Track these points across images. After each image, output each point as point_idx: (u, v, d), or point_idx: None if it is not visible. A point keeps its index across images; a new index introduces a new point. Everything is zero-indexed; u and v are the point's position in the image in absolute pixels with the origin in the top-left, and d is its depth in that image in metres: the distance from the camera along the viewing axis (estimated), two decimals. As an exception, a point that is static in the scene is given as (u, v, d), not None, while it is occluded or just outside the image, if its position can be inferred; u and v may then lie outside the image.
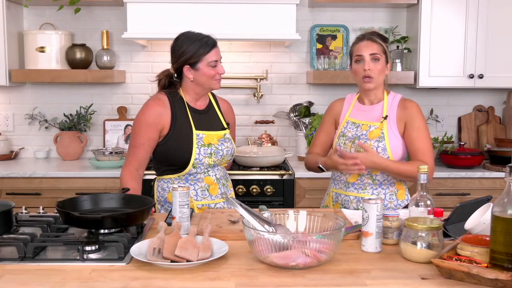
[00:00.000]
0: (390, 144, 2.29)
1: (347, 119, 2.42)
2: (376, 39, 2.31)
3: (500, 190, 1.80)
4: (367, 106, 2.39)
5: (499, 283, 1.38)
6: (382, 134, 2.30)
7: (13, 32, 3.58)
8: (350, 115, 2.42)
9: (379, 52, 2.30)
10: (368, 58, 2.29)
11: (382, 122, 2.32)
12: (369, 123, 2.35)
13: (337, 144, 2.39)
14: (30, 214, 2.05)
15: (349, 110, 2.43)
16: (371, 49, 2.30)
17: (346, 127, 2.40)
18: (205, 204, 2.36)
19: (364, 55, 2.30)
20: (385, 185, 2.34)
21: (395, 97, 2.39)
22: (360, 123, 2.37)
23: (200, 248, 1.59)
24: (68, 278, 1.47)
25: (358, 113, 2.40)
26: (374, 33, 2.35)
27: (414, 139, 2.30)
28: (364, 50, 2.31)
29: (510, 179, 1.43)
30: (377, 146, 2.29)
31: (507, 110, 3.84)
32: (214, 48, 2.31)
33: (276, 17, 3.35)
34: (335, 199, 2.42)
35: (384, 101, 2.37)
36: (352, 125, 2.38)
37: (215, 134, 2.39)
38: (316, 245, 1.52)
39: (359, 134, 2.34)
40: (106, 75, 3.58)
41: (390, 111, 2.34)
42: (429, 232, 1.59)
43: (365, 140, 2.31)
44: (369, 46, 2.30)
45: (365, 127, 2.35)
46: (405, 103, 2.36)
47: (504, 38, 3.47)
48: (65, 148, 3.68)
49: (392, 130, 2.31)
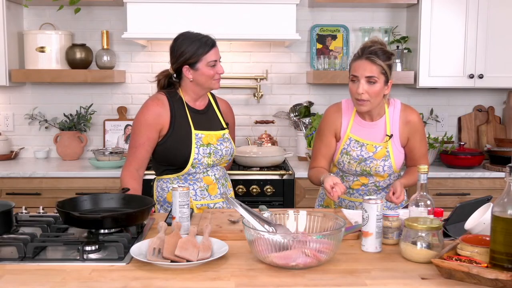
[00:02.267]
0: (396, 161, 2.30)
1: (348, 135, 2.30)
2: (375, 60, 2.11)
3: (500, 190, 1.80)
4: (368, 122, 2.29)
5: (499, 283, 1.38)
6: (387, 153, 2.28)
7: (13, 32, 3.58)
8: (351, 131, 2.30)
9: (377, 74, 2.12)
10: (363, 80, 2.12)
11: (386, 142, 2.28)
12: (374, 143, 2.28)
13: (339, 160, 2.32)
14: (30, 214, 2.05)
15: (350, 125, 2.30)
16: (368, 71, 2.11)
17: (349, 145, 2.30)
18: (204, 204, 2.36)
19: (360, 76, 2.13)
20: (388, 189, 2.34)
21: (395, 109, 2.29)
22: (364, 142, 2.28)
23: (200, 248, 1.59)
24: (68, 278, 1.47)
25: (360, 129, 2.30)
26: (377, 51, 2.13)
27: (418, 149, 2.32)
28: (360, 71, 2.13)
29: (510, 179, 1.43)
30: (383, 165, 2.28)
31: (507, 110, 3.84)
32: (213, 48, 2.31)
33: (276, 17, 3.35)
34: (339, 204, 2.41)
35: (386, 116, 2.27)
36: (356, 144, 2.29)
37: (214, 134, 2.39)
38: (316, 245, 1.52)
39: (365, 156, 2.28)
40: (106, 75, 3.57)
41: (393, 127, 2.28)
42: (429, 232, 1.59)
43: (371, 160, 2.28)
44: (366, 67, 2.11)
45: (371, 147, 2.27)
46: (406, 115, 2.28)
47: (504, 38, 3.47)
48: (65, 148, 3.68)
49: (397, 147, 2.30)
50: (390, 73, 2.17)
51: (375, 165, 2.27)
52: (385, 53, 2.15)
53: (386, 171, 2.29)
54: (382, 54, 2.14)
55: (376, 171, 2.29)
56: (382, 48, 2.16)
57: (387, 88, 2.19)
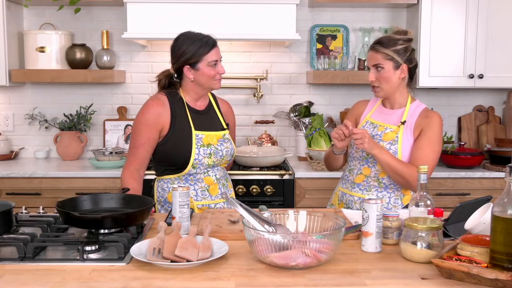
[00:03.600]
0: (402, 148, 2.29)
1: (367, 119, 2.44)
2: (379, 49, 2.28)
3: (500, 190, 1.80)
4: (388, 110, 2.40)
5: (499, 283, 1.38)
6: (396, 138, 2.30)
7: (13, 32, 3.58)
8: (372, 116, 2.43)
9: (381, 61, 2.27)
10: (372, 69, 2.31)
11: (399, 127, 2.32)
12: (386, 125, 2.35)
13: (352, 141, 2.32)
14: (30, 214, 2.05)
15: (371, 111, 2.44)
16: (373, 60, 2.30)
17: (364, 126, 2.42)
18: (205, 205, 2.36)
19: (369, 65, 2.33)
20: (391, 189, 2.33)
21: (418, 107, 2.36)
22: (378, 123, 2.38)
23: (200, 248, 1.59)
24: (68, 278, 1.47)
25: (379, 115, 2.42)
26: (382, 40, 2.30)
27: (420, 146, 2.26)
28: (368, 61, 2.34)
29: (510, 179, 1.43)
30: (389, 148, 2.29)
31: (507, 110, 3.84)
32: (214, 48, 2.31)
33: (276, 17, 3.35)
34: (340, 198, 2.43)
35: (406, 107, 2.35)
36: (370, 125, 2.40)
37: (214, 135, 2.39)
38: (316, 245, 1.52)
39: (374, 134, 2.35)
40: (106, 75, 3.57)
41: (410, 118, 2.33)
42: (429, 232, 1.59)
43: (379, 140, 2.32)
44: (372, 57, 2.31)
45: (382, 128, 2.36)
46: (427, 112, 2.33)
47: (504, 38, 3.47)
48: (65, 148, 3.68)
49: (407, 136, 2.30)
50: (401, 58, 2.27)
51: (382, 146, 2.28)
52: (391, 40, 2.28)
53: None
54: (387, 42, 2.28)
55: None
56: (388, 36, 2.31)
57: (401, 72, 2.29)
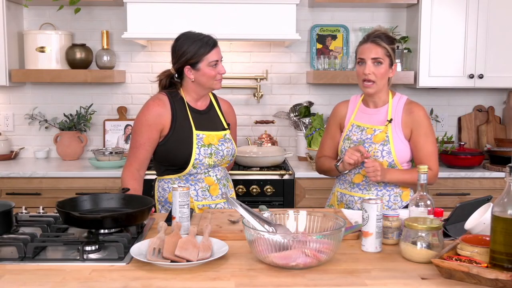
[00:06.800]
0: (395, 147, 2.29)
1: (352, 122, 2.40)
2: (380, 43, 2.26)
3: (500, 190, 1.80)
4: (372, 109, 2.38)
5: (499, 283, 1.38)
6: (387, 138, 2.30)
7: (13, 32, 3.58)
8: (355, 118, 2.40)
9: (382, 56, 2.26)
10: (369, 62, 2.26)
11: (386, 126, 2.31)
12: (374, 126, 2.34)
13: (342, 147, 2.38)
14: (30, 214, 2.05)
15: (354, 113, 2.41)
16: (374, 53, 2.26)
17: (351, 131, 2.38)
18: (206, 205, 2.36)
19: (366, 58, 2.27)
20: (390, 187, 2.34)
21: (401, 99, 2.36)
22: (365, 126, 2.35)
23: (200, 248, 1.59)
24: (68, 278, 1.47)
25: (363, 116, 2.39)
26: (380, 35, 2.28)
27: (422, 145, 2.29)
28: (366, 53, 2.27)
29: (510, 179, 1.43)
30: (382, 150, 2.29)
31: (507, 110, 3.84)
32: (214, 48, 2.31)
33: (276, 17, 3.35)
34: (339, 199, 2.42)
35: (389, 104, 2.35)
36: (357, 129, 2.37)
37: (215, 135, 2.39)
38: (316, 245, 1.52)
39: (364, 138, 2.33)
40: (106, 75, 3.57)
41: (395, 114, 2.33)
42: (429, 232, 1.59)
43: (370, 143, 2.30)
44: (372, 49, 2.26)
45: (370, 130, 2.33)
46: (411, 107, 2.33)
47: (504, 38, 3.47)
48: (65, 148, 3.68)
49: (397, 134, 2.31)
50: (394, 57, 2.31)
51: (373, 148, 2.29)
52: (388, 37, 2.31)
53: (385, 157, 2.28)
54: (386, 38, 2.29)
55: (375, 156, 2.29)
56: (385, 33, 2.32)
57: (391, 71, 2.32)
